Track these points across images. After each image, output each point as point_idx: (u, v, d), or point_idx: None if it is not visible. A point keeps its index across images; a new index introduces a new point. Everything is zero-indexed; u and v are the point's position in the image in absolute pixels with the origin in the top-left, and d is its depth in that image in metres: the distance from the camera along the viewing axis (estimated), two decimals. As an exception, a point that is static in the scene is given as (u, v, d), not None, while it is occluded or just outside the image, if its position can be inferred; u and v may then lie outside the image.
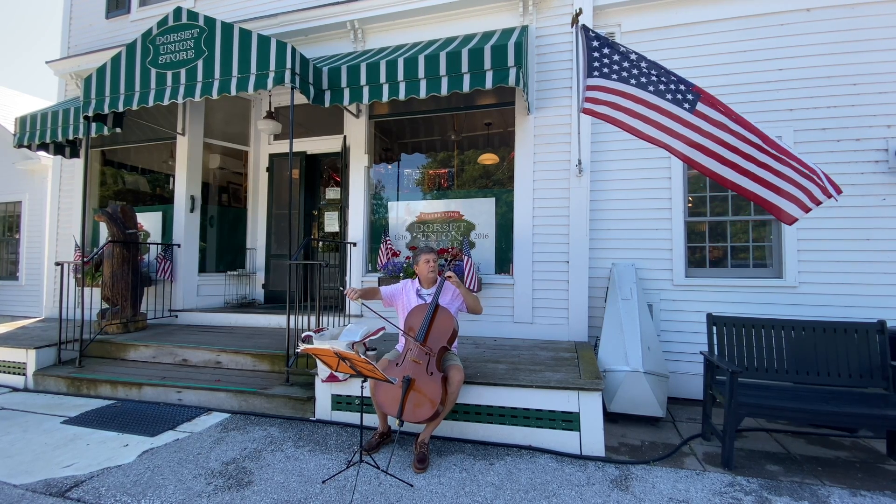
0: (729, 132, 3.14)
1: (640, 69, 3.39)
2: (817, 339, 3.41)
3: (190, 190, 6.30)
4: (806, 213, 3.09)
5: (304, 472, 2.85)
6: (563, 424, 3.18)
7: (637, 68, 3.41)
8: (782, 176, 3.08)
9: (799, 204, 3.07)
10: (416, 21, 5.30)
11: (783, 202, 3.10)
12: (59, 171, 7.13)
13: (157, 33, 4.62)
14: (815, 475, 2.90)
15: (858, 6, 4.31)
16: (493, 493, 2.61)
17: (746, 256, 4.60)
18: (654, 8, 4.74)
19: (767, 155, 3.08)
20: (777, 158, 3.07)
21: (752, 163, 3.13)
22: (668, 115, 3.28)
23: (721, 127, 3.15)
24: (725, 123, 3.14)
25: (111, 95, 4.80)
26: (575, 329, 4.66)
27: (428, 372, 2.96)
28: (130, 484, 2.71)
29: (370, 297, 3.43)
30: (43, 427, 3.61)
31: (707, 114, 3.18)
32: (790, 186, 3.07)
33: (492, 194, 5.36)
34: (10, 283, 8.30)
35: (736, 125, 3.12)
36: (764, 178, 3.12)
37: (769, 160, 3.08)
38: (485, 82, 4.06)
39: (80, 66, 6.73)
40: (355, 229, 5.56)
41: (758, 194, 3.15)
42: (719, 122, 3.16)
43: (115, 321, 5.34)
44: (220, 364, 4.58)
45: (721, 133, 3.16)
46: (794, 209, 3.08)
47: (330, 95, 4.57)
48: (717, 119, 3.16)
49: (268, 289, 6.81)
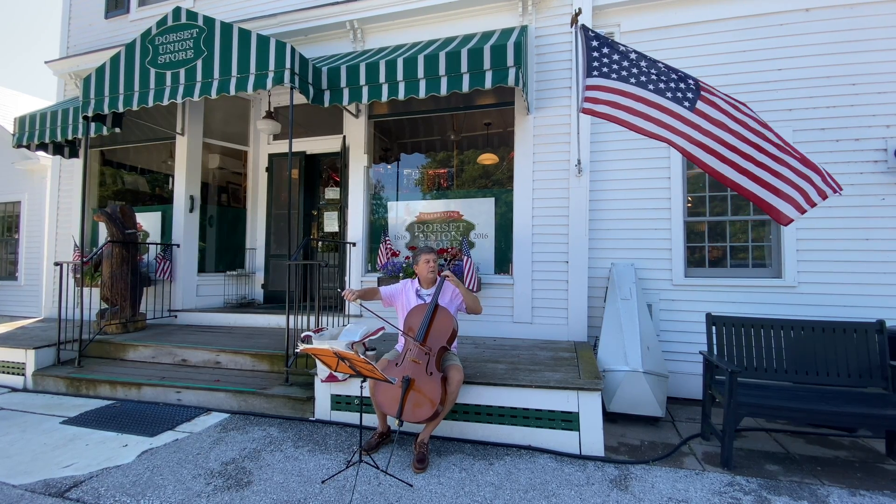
0: (728, 131, 3.15)
1: (640, 68, 3.40)
2: (816, 338, 3.41)
3: (189, 190, 6.29)
4: (801, 215, 3.10)
5: (304, 472, 2.85)
6: (562, 424, 3.18)
7: (637, 67, 3.41)
8: (779, 176, 3.09)
9: (795, 205, 3.08)
10: (415, 21, 5.30)
11: (780, 203, 3.11)
12: (58, 171, 7.12)
13: (157, 33, 4.62)
14: (815, 475, 2.91)
15: (857, 6, 4.31)
16: (493, 493, 2.61)
17: (746, 256, 4.61)
18: (653, 8, 4.74)
19: (766, 155, 3.09)
20: (775, 158, 3.08)
21: (750, 162, 3.14)
22: (669, 112, 3.29)
23: (720, 126, 3.17)
24: (724, 122, 3.16)
25: (110, 95, 4.79)
26: (574, 329, 4.66)
27: (427, 372, 2.96)
28: (130, 484, 2.71)
29: (369, 297, 3.40)
30: (42, 427, 3.61)
31: (707, 112, 3.20)
32: (787, 187, 3.09)
33: (491, 194, 5.36)
34: (9, 283, 8.30)
35: (735, 124, 3.13)
36: (762, 177, 3.13)
37: (767, 160, 3.10)
38: (484, 82, 4.06)
39: (80, 66, 6.73)
40: (355, 229, 5.55)
41: (755, 194, 3.16)
42: (719, 121, 3.17)
43: (115, 321, 5.33)
44: (220, 364, 4.58)
45: (720, 132, 3.17)
46: (790, 210, 3.09)
47: (329, 95, 4.57)
48: (717, 118, 3.18)
49: (267, 289, 6.81)
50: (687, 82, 3.26)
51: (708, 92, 3.22)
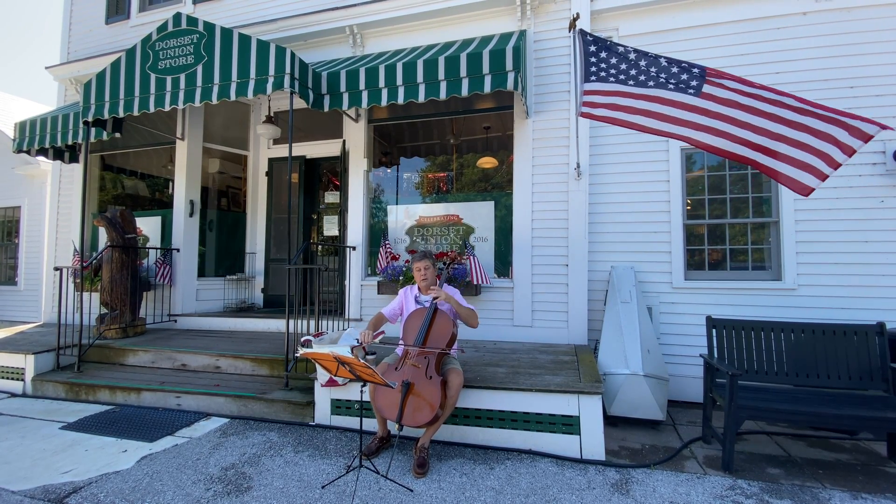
0: (740, 108, 3.10)
1: (640, 68, 3.39)
2: (817, 341, 3.41)
3: (189, 194, 6.30)
4: (822, 182, 3.05)
5: (304, 477, 2.84)
6: (563, 428, 3.18)
7: (636, 67, 3.40)
8: (798, 144, 3.03)
9: (815, 173, 3.03)
10: (414, 26, 5.33)
11: (799, 173, 3.07)
12: (58, 176, 7.13)
13: (157, 38, 4.63)
14: (816, 478, 2.90)
15: (854, 10, 4.33)
16: (494, 498, 2.60)
17: (745, 259, 4.61)
18: (651, 12, 4.76)
19: (782, 124, 3.02)
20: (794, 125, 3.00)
21: (765, 136, 3.09)
22: (672, 103, 3.27)
23: (731, 104, 3.12)
24: (735, 100, 3.10)
25: (111, 101, 4.80)
26: (574, 332, 4.66)
27: (427, 376, 2.95)
28: (129, 490, 2.70)
29: (380, 325, 3.41)
30: (41, 433, 3.60)
31: (715, 94, 3.14)
32: (806, 155, 3.03)
33: (491, 198, 5.37)
34: (8, 288, 8.29)
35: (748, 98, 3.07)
36: (778, 150, 3.09)
37: (784, 129, 3.03)
38: (483, 86, 4.08)
39: (80, 71, 6.75)
40: (354, 233, 5.56)
41: (773, 168, 3.14)
42: (728, 99, 3.12)
43: (114, 326, 5.33)
44: (220, 369, 4.57)
45: (731, 111, 3.12)
46: (810, 179, 3.05)
47: (329, 100, 4.59)
48: (726, 97, 3.12)
49: (267, 293, 6.80)
50: (691, 71, 3.22)
51: (715, 76, 3.17)
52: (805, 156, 3.04)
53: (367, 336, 3.21)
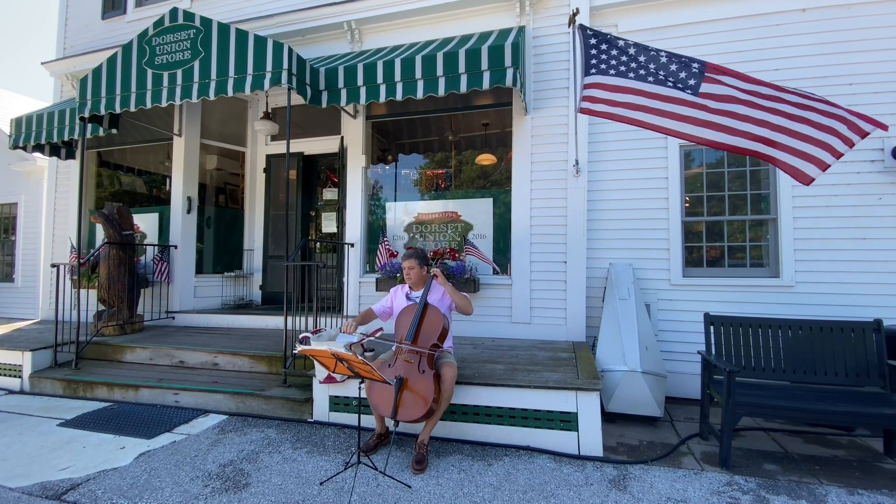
0: (739, 102, 3.14)
1: (639, 62, 3.39)
2: (814, 338, 3.42)
3: (187, 191, 6.28)
4: (824, 171, 3.10)
5: (302, 473, 2.84)
6: (561, 425, 3.18)
7: (636, 61, 3.41)
8: (798, 136, 3.08)
9: (816, 162, 3.07)
10: (413, 21, 5.30)
11: (800, 163, 3.11)
12: (54, 173, 7.09)
13: (154, 34, 4.60)
14: (813, 474, 2.91)
15: (853, 6, 4.32)
16: (492, 494, 2.61)
17: (743, 256, 4.61)
18: (650, 8, 4.75)
19: (782, 116, 3.07)
20: (794, 118, 3.06)
21: (765, 128, 3.13)
22: (671, 100, 3.29)
23: (729, 100, 3.16)
24: (734, 95, 3.14)
25: (107, 96, 4.77)
26: (573, 329, 4.66)
27: (420, 370, 2.96)
28: (127, 486, 2.70)
29: (368, 320, 3.48)
30: (39, 430, 3.59)
31: (713, 91, 3.18)
32: (807, 146, 3.07)
33: (489, 195, 5.36)
34: (5, 285, 8.26)
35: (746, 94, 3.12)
36: (779, 141, 3.13)
37: (784, 121, 3.08)
38: (482, 83, 4.06)
39: (76, 66, 6.70)
40: (353, 230, 5.55)
41: (774, 157, 3.17)
42: (727, 95, 3.16)
43: (112, 323, 5.32)
44: (218, 366, 4.57)
45: (730, 105, 3.16)
46: (811, 168, 3.09)
47: (327, 96, 4.57)
48: (725, 94, 3.16)
49: (265, 290, 6.79)
50: (691, 67, 3.24)
51: (715, 70, 3.20)
52: (806, 146, 3.08)
53: (351, 327, 3.26)
